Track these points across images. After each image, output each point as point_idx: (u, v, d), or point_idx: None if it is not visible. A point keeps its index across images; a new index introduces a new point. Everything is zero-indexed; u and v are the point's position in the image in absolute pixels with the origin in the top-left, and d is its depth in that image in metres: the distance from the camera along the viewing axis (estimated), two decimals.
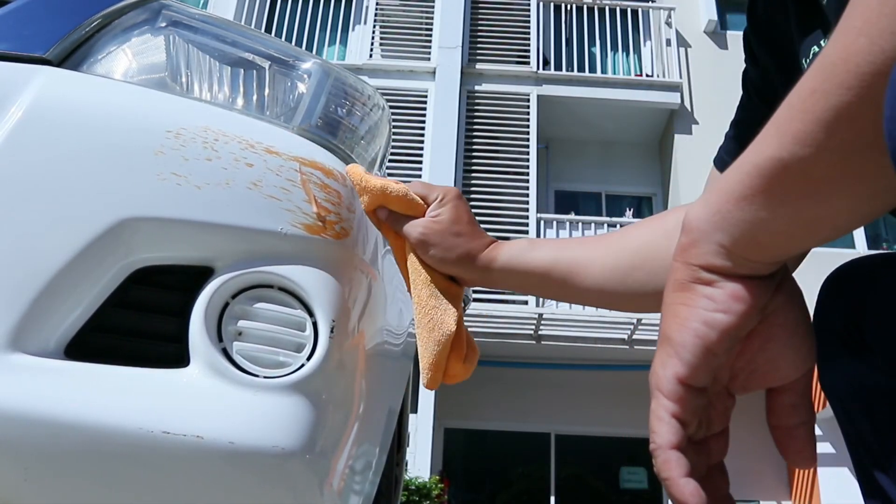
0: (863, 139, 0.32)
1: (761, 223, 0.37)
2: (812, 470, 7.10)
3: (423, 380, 0.71)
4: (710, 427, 0.42)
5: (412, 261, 0.72)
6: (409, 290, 0.74)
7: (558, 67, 9.07)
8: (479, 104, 8.72)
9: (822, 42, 0.56)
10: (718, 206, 0.39)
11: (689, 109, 8.92)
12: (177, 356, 0.64)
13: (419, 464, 6.94)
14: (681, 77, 8.95)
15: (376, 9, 9.24)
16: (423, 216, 0.71)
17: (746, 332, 0.39)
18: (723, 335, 0.38)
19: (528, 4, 9.20)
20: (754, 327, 0.39)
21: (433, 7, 9.19)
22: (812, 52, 0.57)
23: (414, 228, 0.71)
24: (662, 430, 0.39)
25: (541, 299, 7.91)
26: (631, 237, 0.74)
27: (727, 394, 0.42)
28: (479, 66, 8.90)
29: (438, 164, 8.14)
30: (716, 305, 0.38)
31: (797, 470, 7.12)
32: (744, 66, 0.72)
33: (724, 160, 0.73)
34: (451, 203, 0.72)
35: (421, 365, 0.71)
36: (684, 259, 0.40)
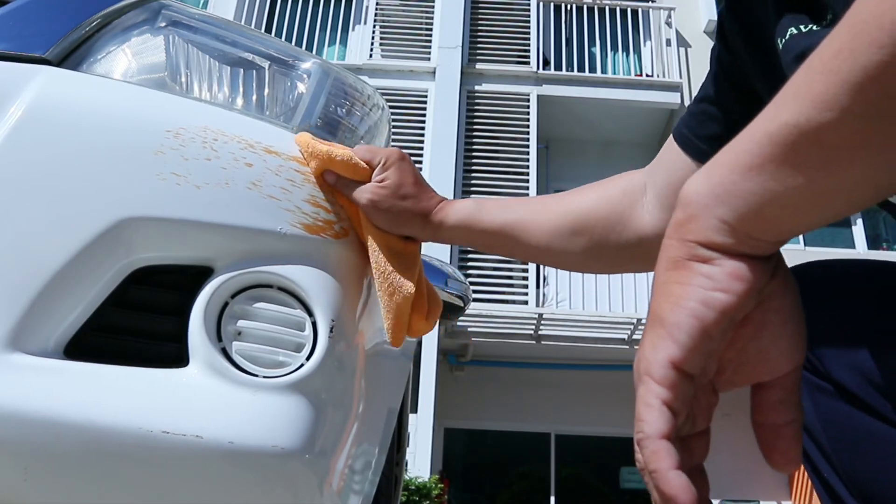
0: (889, 103, 0.31)
1: (770, 195, 0.34)
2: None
3: (388, 338, 0.74)
4: (695, 424, 0.38)
5: (366, 225, 0.74)
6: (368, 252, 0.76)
7: (558, 67, 9.07)
8: (479, 104, 8.72)
9: (802, 26, 0.55)
10: (721, 178, 0.36)
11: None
12: (176, 356, 0.64)
13: (419, 464, 6.94)
14: (681, 77, 8.95)
15: (376, 9, 9.24)
16: (370, 180, 0.73)
17: (743, 315, 0.36)
18: (721, 316, 0.35)
19: (528, 4, 9.20)
20: (748, 313, 0.36)
21: (433, 7, 9.19)
22: (789, 33, 0.56)
23: (362, 194, 0.73)
24: (652, 417, 0.35)
25: (541, 299, 7.91)
26: (574, 202, 0.77)
27: (712, 389, 0.39)
28: (479, 66, 8.90)
29: (438, 164, 8.13)
30: (714, 284, 0.35)
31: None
32: (714, 44, 0.72)
33: (683, 133, 0.74)
34: (395, 166, 0.74)
35: (384, 325, 0.73)
36: (680, 235, 0.37)
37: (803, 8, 0.55)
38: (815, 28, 0.53)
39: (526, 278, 7.89)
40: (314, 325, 0.67)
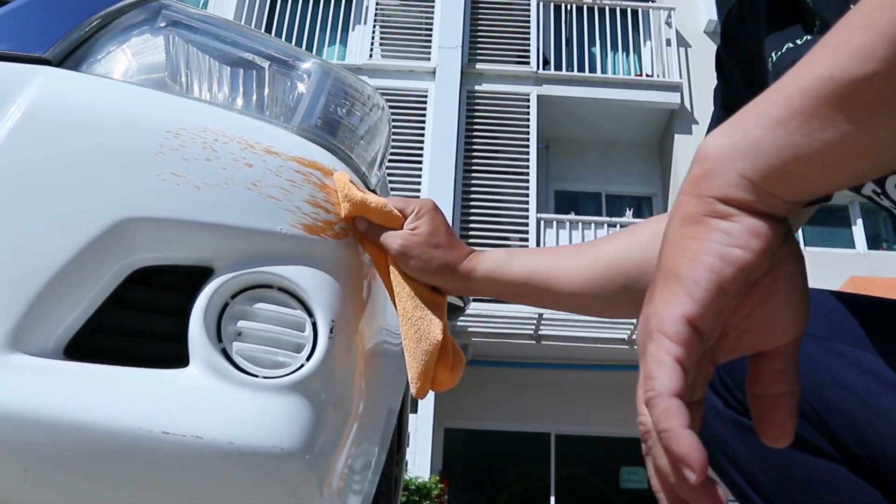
0: None
1: (796, 150, 0.33)
2: None
3: (411, 390, 0.73)
4: (693, 392, 0.37)
5: (394, 273, 0.74)
6: (392, 302, 0.75)
7: (558, 67, 9.07)
8: (479, 104, 8.73)
9: (798, 40, 0.55)
10: (745, 132, 0.35)
11: (689, 109, 8.93)
12: (176, 356, 0.64)
13: (419, 464, 6.95)
14: (681, 77, 8.95)
15: (376, 9, 9.25)
16: (401, 228, 0.74)
17: (757, 276, 0.35)
18: (738, 272, 0.34)
19: (528, 4, 9.20)
20: (758, 278, 0.36)
21: (433, 7, 9.19)
22: (786, 48, 0.56)
23: (393, 240, 0.73)
24: (664, 374, 0.33)
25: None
26: (605, 249, 0.76)
27: (710, 358, 0.38)
28: (479, 66, 8.90)
29: (438, 164, 8.14)
30: (732, 240, 0.34)
31: None
32: (717, 83, 0.74)
33: None
34: (427, 215, 0.75)
35: (409, 375, 0.72)
36: (696, 191, 0.36)
37: (795, 19, 0.56)
38: (808, 38, 0.54)
39: None
40: (314, 325, 0.67)
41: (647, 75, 9.22)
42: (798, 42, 0.55)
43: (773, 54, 0.58)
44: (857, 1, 0.33)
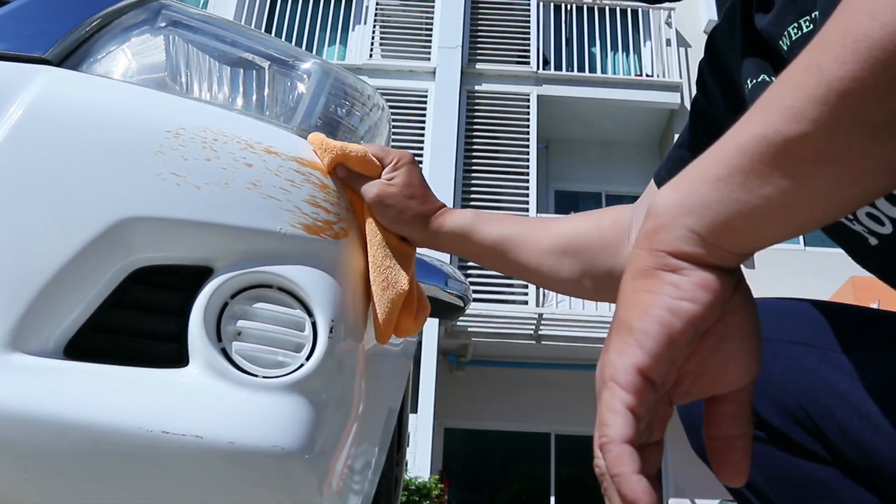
0: (852, 117, 0.32)
1: (738, 206, 0.35)
2: None
3: (375, 334, 0.75)
4: (650, 435, 0.39)
5: (368, 221, 0.77)
6: (363, 248, 0.78)
7: (558, 67, 9.07)
8: (479, 104, 8.73)
9: (772, 76, 0.57)
10: (691, 189, 0.37)
11: (689, 109, 8.92)
12: (176, 356, 0.64)
13: (419, 464, 6.94)
14: (681, 77, 8.95)
15: (376, 9, 9.25)
16: (379, 177, 0.77)
17: (707, 326, 0.37)
18: (687, 325, 0.36)
19: (528, 4, 9.20)
20: (711, 326, 0.37)
21: (433, 7, 9.20)
22: (761, 78, 0.58)
23: (370, 188, 0.76)
24: (617, 422, 0.35)
25: (541, 299, 7.91)
26: (568, 225, 0.81)
27: (668, 401, 0.39)
28: (479, 66, 8.90)
29: (438, 164, 8.14)
30: (681, 293, 0.36)
31: None
32: (696, 93, 0.76)
33: (662, 177, 0.77)
34: (405, 167, 0.78)
35: (374, 321, 0.75)
36: (649, 245, 0.38)
37: (766, 56, 0.57)
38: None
39: None
40: (314, 325, 0.67)
41: (647, 75, 9.22)
42: (774, 79, 0.56)
43: (748, 81, 0.59)
44: None
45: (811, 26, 0.51)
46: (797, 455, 0.56)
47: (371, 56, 9.11)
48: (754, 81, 0.59)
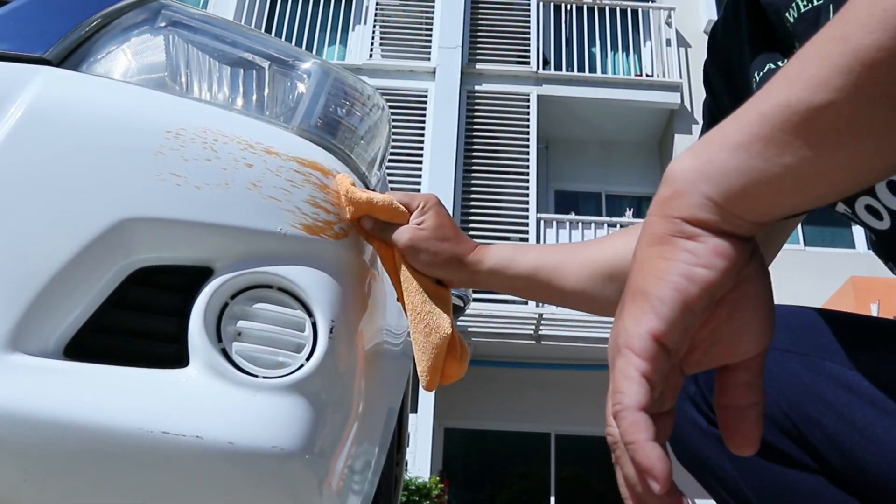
0: (878, 87, 0.32)
1: (756, 173, 0.35)
2: None
3: (422, 383, 0.74)
4: (662, 403, 0.39)
5: (403, 268, 0.75)
6: (398, 298, 0.76)
7: (558, 67, 9.07)
8: (479, 104, 8.72)
9: (779, 62, 0.57)
10: (710, 155, 0.37)
11: (689, 109, 8.93)
12: (176, 356, 0.64)
13: (419, 464, 6.94)
14: (681, 77, 8.95)
15: (376, 9, 9.24)
16: (408, 223, 0.75)
17: (722, 293, 0.37)
18: (703, 291, 0.36)
19: (528, 4, 9.20)
20: (725, 294, 0.37)
21: (433, 7, 9.19)
22: (767, 68, 0.57)
23: (402, 235, 0.74)
24: (631, 389, 0.35)
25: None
26: (607, 247, 0.78)
27: (679, 371, 0.39)
28: (479, 66, 8.90)
29: (438, 164, 8.13)
30: (697, 259, 0.36)
31: None
32: (705, 95, 0.75)
33: None
34: (433, 209, 0.76)
35: (419, 369, 0.73)
36: (664, 212, 0.38)
37: (776, 47, 0.57)
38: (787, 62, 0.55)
39: None
40: (314, 325, 0.67)
41: (647, 75, 9.22)
42: (780, 64, 0.56)
43: (756, 74, 0.59)
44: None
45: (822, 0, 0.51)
46: (782, 463, 0.56)
47: (371, 56, 9.11)
48: (761, 73, 0.58)
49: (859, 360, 0.53)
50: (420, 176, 8.16)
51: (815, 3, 0.51)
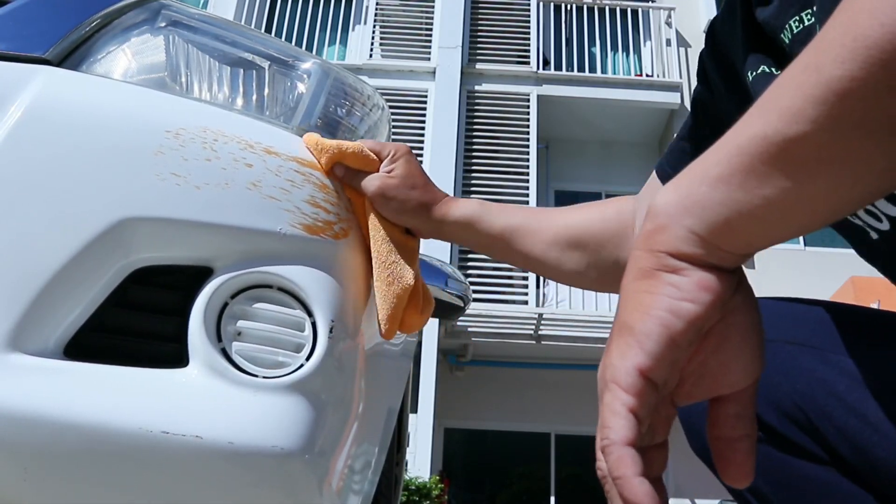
0: (851, 117, 0.32)
1: (738, 206, 0.35)
2: None
3: (381, 330, 0.75)
4: (654, 436, 0.39)
5: (371, 216, 0.76)
6: (367, 244, 0.77)
7: (558, 67, 9.07)
8: (479, 104, 8.72)
9: (773, 67, 0.57)
10: (690, 189, 0.37)
11: (689, 109, 8.92)
12: (176, 356, 0.64)
13: (419, 464, 6.94)
14: (681, 77, 8.95)
15: (376, 9, 9.24)
16: (378, 171, 0.76)
17: (708, 326, 0.37)
18: (688, 325, 0.36)
19: (528, 4, 9.20)
20: (712, 326, 0.37)
21: (433, 7, 9.19)
22: (761, 70, 0.58)
23: (371, 182, 0.75)
24: (618, 424, 0.35)
25: (541, 299, 7.91)
26: (573, 216, 0.80)
27: (670, 402, 0.39)
28: (479, 66, 8.90)
29: (438, 164, 8.14)
30: (682, 294, 0.36)
31: None
32: (696, 85, 0.75)
33: (664, 169, 0.76)
34: (403, 158, 0.77)
35: (379, 317, 0.74)
36: (649, 246, 0.38)
37: (768, 51, 0.57)
38: (776, 72, 0.55)
39: (526, 278, 7.89)
40: (314, 325, 0.67)
41: (647, 75, 9.22)
42: (775, 71, 0.56)
43: (749, 73, 0.59)
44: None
45: (812, 19, 0.51)
46: (795, 455, 0.56)
47: (371, 56, 9.11)
48: (755, 74, 0.59)
49: (873, 354, 0.53)
50: None
51: (806, 23, 0.52)
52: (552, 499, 8.41)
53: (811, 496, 0.56)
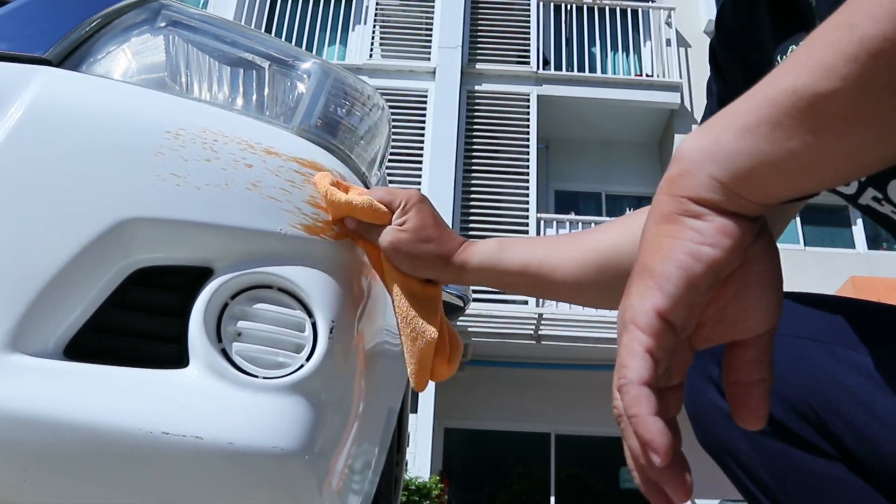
0: (882, 77, 0.32)
1: (761, 156, 0.36)
2: None
3: (411, 383, 0.74)
4: (670, 378, 0.39)
5: (388, 268, 0.74)
6: (390, 295, 0.76)
7: (558, 67, 9.07)
8: (479, 104, 8.72)
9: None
10: (716, 137, 0.37)
11: (689, 109, 8.93)
12: (176, 357, 0.64)
13: (419, 464, 6.95)
14: (681, 77, 8.95)
15: (376, 9, 9.24)
16: (390, 223, 0.73)
17: (728, 271, 0.37)
18: (708, 269, 0.36)
19: (528, 4, 9.20)
20: (731, 273, 0.38)
21: (433, 7, 9.19)
22: (790, 50, 0.57)
23: (383, 238, 0.72)
24: (635, 364, 0.36)
25: (541, 299, 7.91)
26: (598, 239, 0.76)
27: (688, 346, 0.40)
28: (479, 66, 8.90)
29: (438, 164, 8.13)
30: (703, 238, 0.37)
31: None
32: (710, 76, 0.74)
33: None
34: (414, 208, 0.73)
35: (408, 371, 0.74)
36: (671, 191, 0.38)
37: (798, 23, 0.57)
38: None
39: None
40: (314, 326, 0.67)
41: (647, 75, 9.22)
42: None
43: (778, 57, 0.59)
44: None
45: None
46: (802, 450, 0.56)
47: (371, 56, 9.11)
48: (784, 57, 0.58)
49: (884, 350, 0.53)
50: (420, 176, 8.16)
51: None
52: (552, 499, 8.41)
53: (817, 491, 0.56)
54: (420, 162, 8.24)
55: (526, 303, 7.83)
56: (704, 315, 0.39)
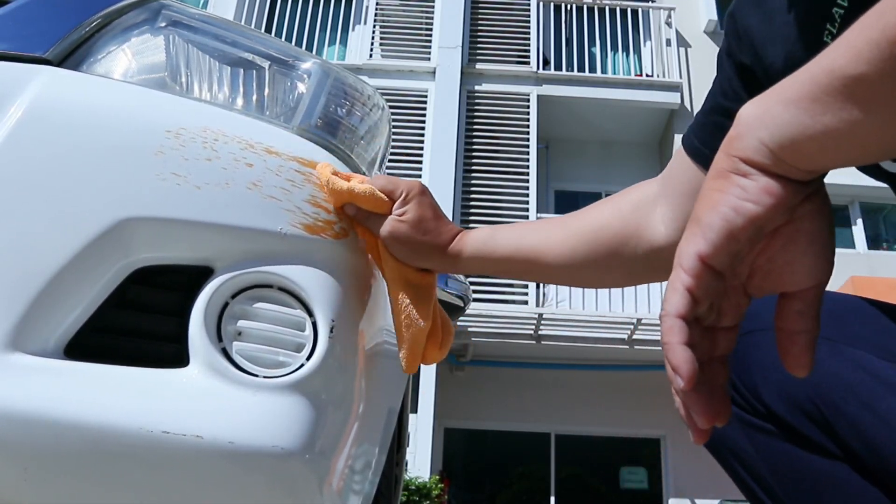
0: None
1: (801, 128, 0.38)
2: None
3: (402, 366, 0.77)
4: (721, 318, 0.43)
5: (385, 256, 0.76)
6: (385, 281, 0.78)
7: (558, 67, 9.07)
8: (479, 104, 8.72)
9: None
10: (768, 106, 0.40)
11: (689, 109, 8.93)
12: (176, 356, 0.64)
13: (419, 464, 6.95)
14: (681, 77, 8.95)
15: (376, 9, 9.24)
16: (391, 212, 0.75)
17: (772, 227, 0.41)
18: (747, 223, 0.40)
19: (528, 4, 9.20)
20: (780, 227, 0.41)
21: (433, 7, 9.19)
22: (836, 14, 0.57)
23: (382, 227, 0.74)
24: (674, 299, 0.40)
25: (541, 299, 7.91)
26: (586, 220, 0.79)
27: (743, 291, 0.43)
28: (479, 66, 8.90)
29: (438, 164, 8.13)
30: (747, 195, 0.40)
31: None
32: (722, 59, 0.72)
33: (694, 146, 0.74)
34: (415, 200, 0.76)
35: (400, 353, 0.76)
36: (727, 150, 0.42)
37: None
38: None
39: None
40: (314, 325, 0.67)
41: (647, 75, 9.22)
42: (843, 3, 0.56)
43: (828, 27, 0.58)
44: None
45: None
46: (806, 449, 0.57)
47: (371, 56, 9.11)
48: (837, 26, 0.58)
49: (887, 348, 0.54)
50: (420, 176, 8.16)
51: None
52: (552, 499, 8.41)
53: (819, 490, 0.56)
54: (420, 162, 8.24)
55: (526, 303, 7.83)
56: (755, 265, 0.42)
